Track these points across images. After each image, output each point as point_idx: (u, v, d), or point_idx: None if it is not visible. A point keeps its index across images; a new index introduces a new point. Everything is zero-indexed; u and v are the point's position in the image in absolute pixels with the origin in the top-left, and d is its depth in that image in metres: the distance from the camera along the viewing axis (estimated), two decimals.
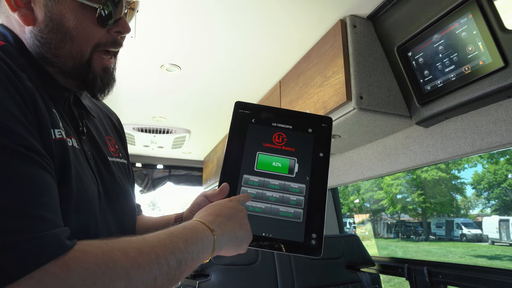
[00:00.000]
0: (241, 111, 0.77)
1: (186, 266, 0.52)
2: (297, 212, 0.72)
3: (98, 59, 0.64)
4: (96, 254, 0.42)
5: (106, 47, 0.64)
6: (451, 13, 1.09)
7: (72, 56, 0.61)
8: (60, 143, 0.54)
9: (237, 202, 0.68)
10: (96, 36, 0.62)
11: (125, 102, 2.36)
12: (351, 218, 15.35)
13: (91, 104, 0.79)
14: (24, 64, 0.56)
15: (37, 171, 0.44)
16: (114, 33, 0.64)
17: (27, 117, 0.48)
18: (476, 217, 12.61)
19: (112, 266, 0.42)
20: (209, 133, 3.07)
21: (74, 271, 0.39)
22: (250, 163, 0.74)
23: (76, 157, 0.58)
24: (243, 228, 0.64)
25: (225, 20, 1.41)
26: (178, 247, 0.51)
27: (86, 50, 0.62)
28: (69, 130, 0.61)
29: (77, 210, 0.54)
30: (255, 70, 1.84)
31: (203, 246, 0.56)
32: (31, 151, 0.45)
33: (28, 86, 0.51)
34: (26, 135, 0.45)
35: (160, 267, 0.47)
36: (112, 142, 0.78)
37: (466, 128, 1.25)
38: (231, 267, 1.54)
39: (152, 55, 1.70)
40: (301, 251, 0.69)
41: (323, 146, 0.76)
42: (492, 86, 1.04)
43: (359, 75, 1.29)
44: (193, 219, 0.61)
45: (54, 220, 0.43)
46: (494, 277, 1.28)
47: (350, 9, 1.33)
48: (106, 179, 0.67)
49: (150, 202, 22.99)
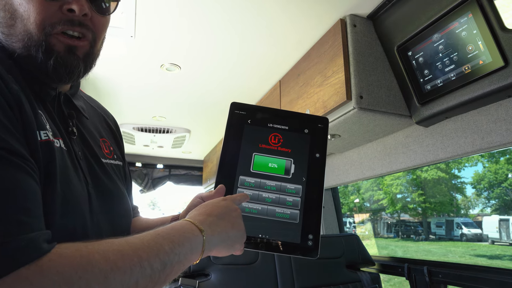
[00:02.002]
0: (237, 112, 0.77)
1: (172, 268, 0.50)
2: (293, 213, 0.71)
3: (59, 39, 0.59)
4: (73, 257, 0.41)
5: (61, 27, 0.58)
6: (451, 12, 1.09)
7: (21, 36, 0.57)
8: (46, 145, 0.54)
9: (231, 201, 0.66)
10: (43, 12, 0.57)
11: (125, 101, 2.36)
12: (351, 217, 15.36)
13: (85, 105, 0.78)
14: (10, 65, 0.56)
15: (18, 174, 0.44)
16: (66, 11, 0.58)
17: (12, 121, 0.47)
18: (476, 217, 12.61)
19: (90, 269, 0.41)
20: (209, 132, 3.07)
21: (48, 275, 0.38)
22: (246, 164, 0.74)
23: (63, 158, 0.57)
24: (235, 228, 0.63)
25: (225, 20, 1.41)
26: (163, 249, 0.49)
27: (35, 28, 0.57)
28: (56, 130, 0.60)
29: (63, 212, 0.54)
30: (255, 69, 1.84)
31: (192, 247, 0.54)
32: (13, 155, 0.44)
33: (13, 88, 0.50)
34: (8, 139, 0.45)
35: (142, 270, 0.46)
36: (107, 144, 0.77)
37: (466, 128, 1.25)
38: (231, 267, 1.54)
39: (152, 55, 1.70)
40: (298, 252, 0.69)
41: (320, 147, 0.76)
42: (492, 86, 1.04)
43: (359, 74, 1.29)
44: (184, 219, 0.60)
45: (33, 224, 0.42)
46: (495, 276, 1.28)
47: (350, 9, 1.33)
48: (99, 180, 0.66)
49: (150, 201, 22.95)
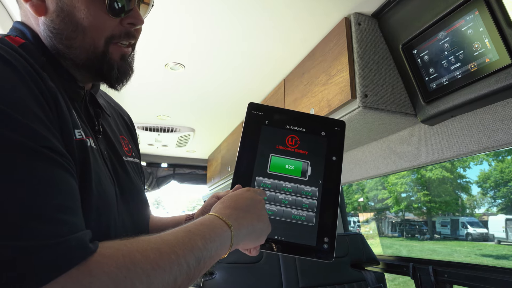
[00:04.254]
0: (254, 113, 0.76)
1: (205, 264, 0.51)
2: (309, 216, 0.71)
3: (115, 48, 0.63)
4: (117, 257, 0.42)
5: (120, 39, 0.63)
6: (457, 10, 1.08)
7: (85, 48, 0.60)
8: (80, 144, 0.54)
9: (254, 192, 0.66)
10: (108, 27, 0.60)
11: (130, 100, 2.37)
12: (355, 216, 15.33)
13: (105, 103, 0.78)
14: (44, 63, 0.56)
15: (59, 173, 0.44)
16: (126, 24, 0.63)
17: (50, 118, 0.47)
18: (482, 216, 12.51)
19: (133, 269, 0.42)
20: (213, 131, 3.07)
21: (97, 276, 0.39)
22: (263, 165, 0.73)
23: (94, 157, 0.58)
24: (261, 220, 0.63)
25: (230, 18, 1.41)
26: (197, 245, 0.50)
27: (99, 41, 0.60)
28: (86, 129, 0.60)
29: (98, 212, 0.54)
30: (259, 68, 1.83)
31: (221, 242, 0.54)
32: (53, 152, 0.44)
33: (51, 86, 0.50)
34: (49, 136, 0.45)
35: (180, 267, 0.46)
36: (126, 142, 0.77)
37: (472, 126, 1.24)
38: (235, 266, 1.55)
39: (156, 54, 1.70)
40: (313, 255, 0.69)
41: (336, 150, 0.75)
42: (499, 84, 1.03)
43: (363, 73, 1.29)
44: (210, 213, 0.60)
45: (77, 223, 0.43)
46: (502, 276, 1.27)
47: (354, 7, 1.32)
48: (121, 179, 0.67)
49: (154, 200, 23.08)
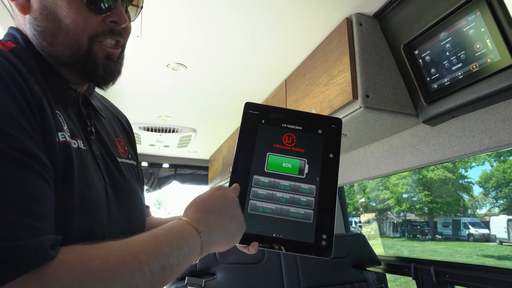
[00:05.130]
0: (251, 112, 0.77)
1: (172, 271, 0.50)
2: (307, 213, 0.72)
3: (100, 47, 0.63)
4: (74, 264, 0.41)
5: (104, 37, 0.63)
6: (459, 10, 1.08)
7: (68, 45, 0.60)
8: (63, 146, 0.54)
9: (226, 190, 0.65)
10: (90, 25, 0.60)
11: (131, 101, 2.37)
12: (356, 217, 15.30)
13: (101, 105, 0.79)
14: (32, 67, 0.57)
15: (31, 177, 0.44)
16: (110, 23, 0.62)
17: (31, 123, 0.48)
18: (484, 217, 12.47)
19: (91, 276, 0.41)
20: (214, 132, 3.08)
21: (48, 283, 0.38)
22: (260, 164, 0.74)
23: (81, 158, 0.58)
24: (234, 221, 0.62)
25: (230, 20, 1.41)
26: (163, 252, 0.49)
27: (83, 39, 0.60)
28: (75, 131, 0.61)
29: (82, 212, 0.54)
30: (261, 68, 1.83)
31: (190, 249, 0.53)
32: (29, 157, 0.44)
33: (35, 90, 0.51)
34: (26, 141, 0.45)
35: (142, 275, 0.45)
36: (122, 144, 0.78)
37: (474, 127, 1.24)
38: (237, 266, 1.55)
39: (157, 54, 1.71)
40: (312, 252, 0.69)
41: (333, 147, 0.76)
42: (501, 84, 1.02)
43: (365, 73, 1.29)
44: (181, 216, 0.59)
45: (40, 228, 0.42)
46: (503, 277, 1.26)
47: (356, 8, 1.32)
48: (115, 179, 0.67)
49: (156, 201, 23.13)
